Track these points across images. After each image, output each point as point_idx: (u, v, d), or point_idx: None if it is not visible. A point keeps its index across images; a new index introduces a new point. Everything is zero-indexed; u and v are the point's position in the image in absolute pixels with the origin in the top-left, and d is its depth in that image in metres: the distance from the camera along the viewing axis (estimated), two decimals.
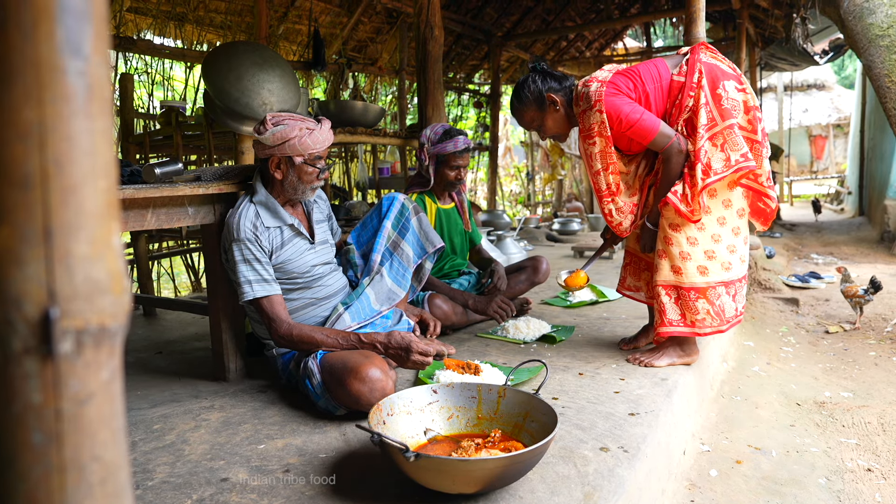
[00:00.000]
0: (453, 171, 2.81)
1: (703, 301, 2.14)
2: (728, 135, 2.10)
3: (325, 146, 2.07)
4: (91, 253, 0.46)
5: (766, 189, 2.21)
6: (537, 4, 8.04)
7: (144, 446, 1.69)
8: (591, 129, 2.19)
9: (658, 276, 2.19)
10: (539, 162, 9.89)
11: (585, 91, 2.19)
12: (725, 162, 2.09)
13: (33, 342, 0.44)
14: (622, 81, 2.18)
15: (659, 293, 2.18)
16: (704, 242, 2.14)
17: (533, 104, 2.31)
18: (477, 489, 1.27)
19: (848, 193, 11.71)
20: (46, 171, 0.44)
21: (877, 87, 3.43)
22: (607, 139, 2.18)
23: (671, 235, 2.15)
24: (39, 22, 0.43)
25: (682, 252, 2.14)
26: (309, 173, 2.07)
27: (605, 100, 2.14)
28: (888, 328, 3.63)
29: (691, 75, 2.13)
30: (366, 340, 1.90)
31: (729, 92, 2.12)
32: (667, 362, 2.20)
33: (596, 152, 2.22)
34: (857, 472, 1.94)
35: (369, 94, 7.43)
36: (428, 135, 2.81)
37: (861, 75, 10.59)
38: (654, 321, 2.33)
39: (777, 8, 7.11)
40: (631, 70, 2.23)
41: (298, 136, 1.99)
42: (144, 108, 5.06)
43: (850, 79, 19.51)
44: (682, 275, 2.14)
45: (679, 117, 2.15)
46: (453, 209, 3.00)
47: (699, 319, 2.14)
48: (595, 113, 2.15)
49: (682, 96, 2.14)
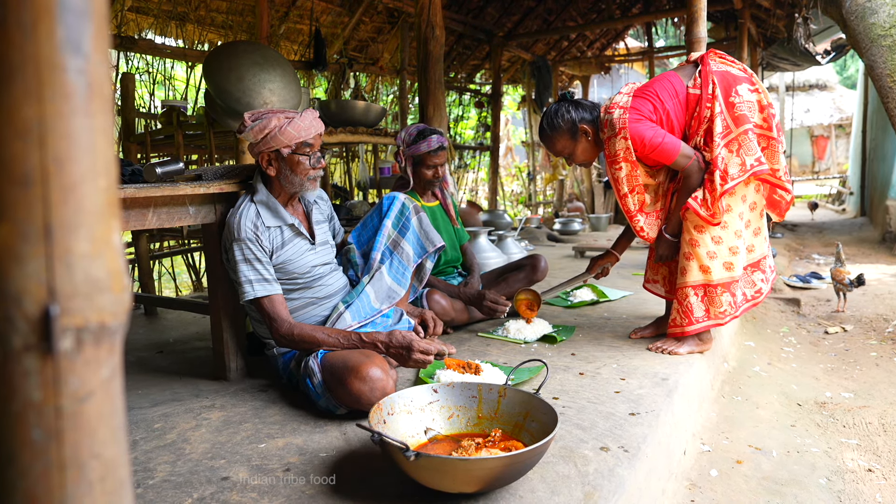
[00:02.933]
0: (430, 170, 2.86)
1: (727, 294, 2.28)
2: (743, 140, 2.20)
3: (311, 133, 2.04)
4: (91, 251, 0.46)
5: (784, 182, 2.31)
6: (538, 4, 8.04)
7: (145, 445, 1.70)
8: (617, 155, 2.27)
9: (687, 277, 2.29)
10: (540, 162, 9.88)
11: (609, 118, 2.27)
12: (741, 167, 2.20)
13: (33, 339, 0.45)
14: (643, 106, 2.26)
15: (687, 294, 2.29)
16: (728, 239, 2.27)
17: (566, 133, 2.40)
18: (477, 489, 1.27)
19: (850, 194, 11.69)
20: (46, 168, 0.44)
21: (879, 87, 3.43)
22: (633, 164, 2.27)
23: (696, 238, 2.26)
24: (40, 20, 0.43)
25: (710, 252, 2.25)
26: (300, 163, 2.04)
27: (629, 126, 2.22)
28: (889, 328, 3.63)
29: (706, 87, 2.23)
30: (367, 340, 1.90)
31: (742, 95, 2.22)
32: (687, 350, 2.33)
33: (622, 176, 2.30)
34: (858, 472, 1.94)
35: (370, 94, 7.43)
36: (403, 137, 2.87)
37: (863, 75, 10.58)
38: (668, 316, 2.47)
39: (779, 8, 7.10)
40: (649, 90, 2.30)
41: (277, 126, 1.98)
42: (146, 108, 5.06)
43: (852, 79, 19.48)
44: (710, 273, 2.26)
45: (699, 128, 2.26)
46: (438, 207, 3.04)
47: (721, 312, 2.28)
48: (620, 140, 2.24)
49: (699, 108, 2.25)
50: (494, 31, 7.96)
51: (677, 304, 2.34)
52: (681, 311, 2.32)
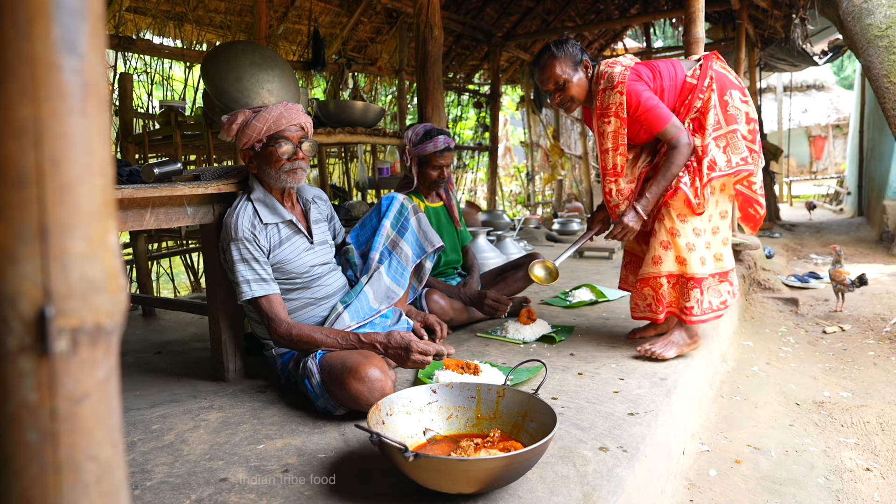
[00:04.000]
0: (435, 171, 2.84)
1: (697, 290, 2.25)
2: (731, 138, 2.25)
3: (282, 124, 1.99)
4: (87, 251, 0.46)
5: (758, 196, 2.37)
6: (537, 5, 8.04)
7: (143, 446, 1.69)
8: (609, 109, 2.27)
9: (661, 266, 2.28)
10: (539, 162, 9.89)
11: (609, 71, 2.27)
12: (727, 163, 2.23)
13: (29, 341, 0.44)
14: (644, 71, 2.29)
15: (661, 283, 2.29)
16: (706, 234, 2.28)
17: (570, 59, 2.33)
18: (476, 489, 1.27)
19: (847, 194, 11.71)
20: (42, 168, 0.44)
21: (875, 87, 3.43)
22: (622, 120, 2.26)
23: (678, 228, 2.25)
24: (35, 19, 0.43)
25: (689, 243, 2.25)
26: (272, 155, 2.00)
27: (627, 83, 2.23)
28: (887, 328, 3.63)
29: (703, 79, 2.26)
30: (365, 340, 1.89)
31: (734, 101, 2.27)
32: (674, 353, 2.27)
33: (609, 131, 2.29)
34: (856, 471, 1.94)
35: (369, 94, 7.42)
36: (409, 136, 2.85)
37: (860, 76, 10.60)
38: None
39: (776, 9, 7.11)
40: (651, 63, 2.35)
41: (244, 120, 1.97)
42: (144, 108, 5.06)
43: (849, 79, 19.51)
44: (685, 265, 2.25)
45: (686, 116, 2.28)
46: (442, 207, 3.02)
47: (688, 307, 2.26)
48: (615, 94, 2.24)
49: (691, 97, 2.27)
50: (493, 31, 7.96)
51: (651, 291, 2.34)
52: (655, 298, 2.33)
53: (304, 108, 2.09)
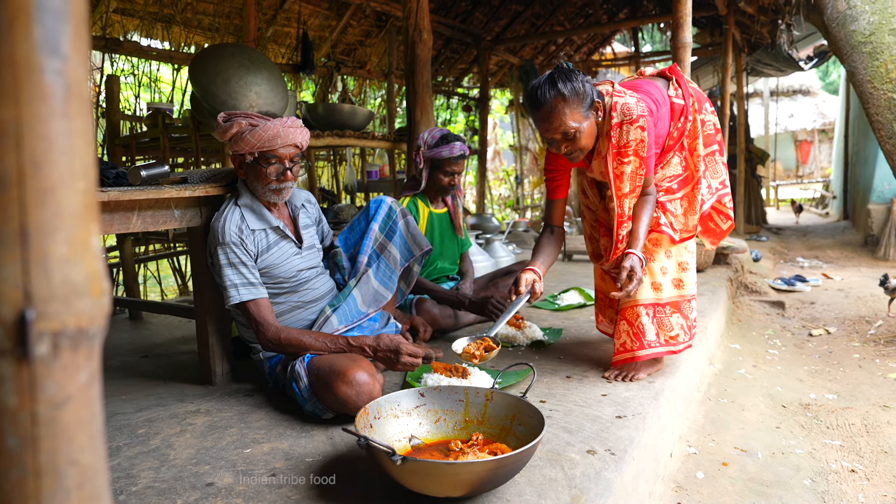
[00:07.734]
0: (447, 177, 2.81)
1: (678, 315, 2.12)
2: (709, 162, 2.16)
3: (276, 144, 1.94)
4: (69, 254, 0.46)
5: (728, 210, 2.28)
6: (526, 9, 8.07)
7: (129, 451, 1.67)
8: (628, 147, 1.94)
9: (638, 295, 2.08)
10: (528, 166, 9.92)
11: (623, 102, 1.93)
12: (708, 189, 2.16)
13: (9, 344, 0.44)
14: (649, 103, 2.01)
15: (639, 314, 2.08)
16: (678, 254, 2.15)
17: (580, 103, 1.90)
18: (464, 492, 1.27)
19: (833, 198, 11.83)
20: (23, 171, 0.44)
21: (860, 92, 3.48)
22: (641, 160, 1.95)
23: (651, 251, 2.10)
24: (16, 20, 0.43)
25: (663, 267, 2.12)
26: (261, 172, 1.98)
27: (647, 116, 1.93)
28: (872, 331, 3.68)
29: (687, 98, 2.10)
30: (354, 343, 1.89)
31: (707, 114, 2.16)
32: (646, 374, 2.12)
33: (629, 172, 1.96)
34: (842, 473, 1.96)
35: (358, 98, 7.41)
36: (425, 138, 2.82)
37: (845, 81, 10.73)
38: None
39: (763, 14, 7.19)
40: (642, 89, 2.07)
41: (239, 131, 1.94)
42: (131, 110, 5.02)
43: (834, 85, 19.76)
44: (660, 291, 2.11)
45: (680, 139, 2.10)
46: (446, 214, 3.00)
47: (672, 336, 2.11)
48: (635, 129, 1.92)
49: (683, 119, 2.09)
50: (482, 35, 7.98)
51: (627, 325, 2.10)
52: (631, 334, 2.08)
53: (302, 124, 2.04)
